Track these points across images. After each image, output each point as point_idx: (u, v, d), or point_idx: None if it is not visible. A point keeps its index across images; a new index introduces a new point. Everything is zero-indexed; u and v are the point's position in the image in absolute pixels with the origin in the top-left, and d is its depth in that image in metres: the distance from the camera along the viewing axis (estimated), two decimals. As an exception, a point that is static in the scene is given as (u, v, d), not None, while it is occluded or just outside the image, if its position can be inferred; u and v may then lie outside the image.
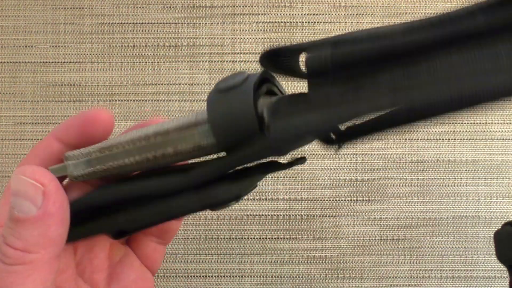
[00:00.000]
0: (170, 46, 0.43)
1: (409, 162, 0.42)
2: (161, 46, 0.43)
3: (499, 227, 0.21)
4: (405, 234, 0.42)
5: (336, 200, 0.41)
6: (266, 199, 0.42)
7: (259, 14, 0.43)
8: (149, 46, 0.43)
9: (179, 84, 0.43)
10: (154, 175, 0.19)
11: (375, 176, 0.42)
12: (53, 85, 0.43)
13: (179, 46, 0.43)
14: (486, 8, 0.14)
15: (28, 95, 0.43)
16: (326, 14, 0.43)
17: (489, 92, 0.14)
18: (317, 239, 0.42)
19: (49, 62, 0.43)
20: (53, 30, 0.43)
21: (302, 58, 0.17)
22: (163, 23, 0.43)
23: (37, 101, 0.43)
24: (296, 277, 0.42)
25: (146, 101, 0.43)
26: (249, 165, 0.18)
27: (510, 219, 0.22)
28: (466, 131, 0.42)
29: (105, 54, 0.43)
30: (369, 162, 0.42)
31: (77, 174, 0.19)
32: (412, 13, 0.42)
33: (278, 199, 0.42)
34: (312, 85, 0.16)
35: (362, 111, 0.15)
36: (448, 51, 0.15)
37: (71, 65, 0.43)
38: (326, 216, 0.42)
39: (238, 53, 0.43)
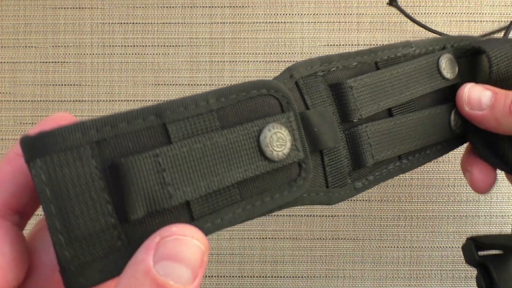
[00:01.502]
0: (170, 46, 0.43)
1: (409, 162, 0.42)
2: (161, 46, 0.43)
3: (464, 242, 0.29)
4: (405, 234, 0.42)
5: (336, 200, 0.41)
6: (266, 199, 0.41)
7: (259, 14, 0.43)
8: (149, 46, 0.43)
9: (179, 84, 0.43)
10: None
11: (375, 176, 0.41)
12: (53, 85, 0.43)
13: (179, 46, 0.43)
14: None
15: (28, 95, 0.43)
16: (326, 14, 0.43)
17: None
18: (317, 239, 0.42)
19: (49, 62, 0.43)
20: (53, 30, 0.43)
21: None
22: (163, 23, 0.43)
23: (37, 101, 0.43)
24: (296, 277, 0.42)
25: (146, 101, 0.43)
26: None
27: (473, 235, 0.29)
28: (466, 131, 0.42)
29: (105, 54, 0.43)
30: (369, 162, 0.42)
31: None
32: (412, 13, 0.42)
33: (278, 199, 0.41)
34: None
35: None
36: None
37: (71, 65, 0.43)
38: (326, 216, 0.42)
39: (238, 53, 0.43)
